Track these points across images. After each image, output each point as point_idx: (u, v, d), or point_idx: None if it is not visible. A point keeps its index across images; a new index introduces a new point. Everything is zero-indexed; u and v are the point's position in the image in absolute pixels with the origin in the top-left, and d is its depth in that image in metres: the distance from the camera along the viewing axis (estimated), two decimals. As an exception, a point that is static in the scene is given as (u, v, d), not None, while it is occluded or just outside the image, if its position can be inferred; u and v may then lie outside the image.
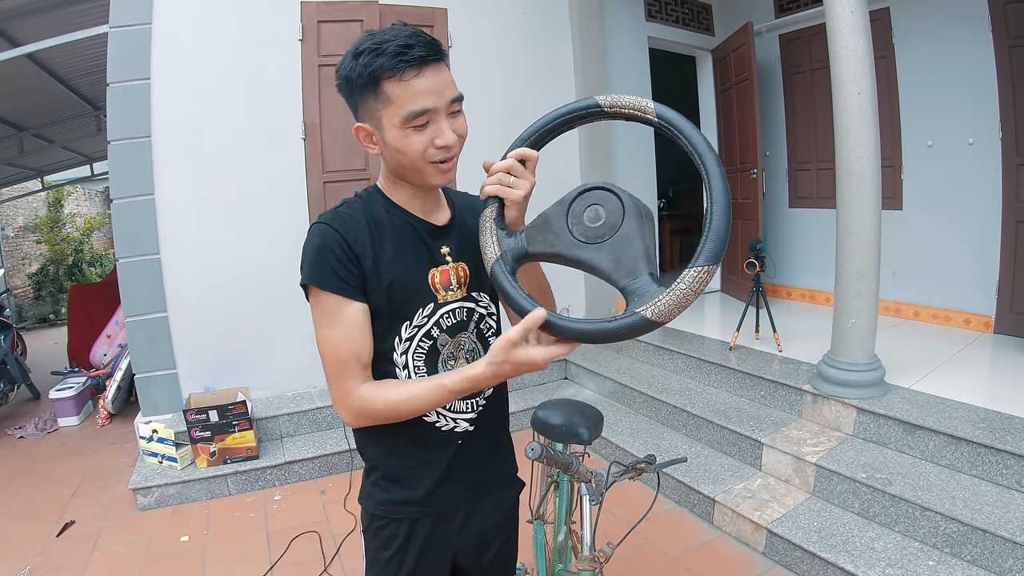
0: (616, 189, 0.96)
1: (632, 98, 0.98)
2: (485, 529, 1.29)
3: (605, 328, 0.89)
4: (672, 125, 0.94)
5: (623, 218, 0.94)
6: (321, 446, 3.77)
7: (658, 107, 0.95)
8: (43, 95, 6.02)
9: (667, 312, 0.86)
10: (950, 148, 4.36)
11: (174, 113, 3.84)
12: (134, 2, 3.76)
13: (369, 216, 1.11)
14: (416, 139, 1.02)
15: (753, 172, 5.29)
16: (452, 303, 1.17)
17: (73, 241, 11.81)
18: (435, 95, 1.01)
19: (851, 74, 2.96)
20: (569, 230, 0.97)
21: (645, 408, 3.97)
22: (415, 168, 1.06)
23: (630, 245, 0.92)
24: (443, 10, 4.49)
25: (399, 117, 1.01)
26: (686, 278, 0.85)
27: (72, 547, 3.05)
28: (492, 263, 1.02)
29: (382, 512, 1.22)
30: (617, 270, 0.92)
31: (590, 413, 1.95)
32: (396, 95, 0.99)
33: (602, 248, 0.94)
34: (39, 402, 5.60)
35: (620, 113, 1.00)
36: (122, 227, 3.86)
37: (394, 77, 0.98)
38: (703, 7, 6.00)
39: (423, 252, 1.15)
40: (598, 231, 0.95)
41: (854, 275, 3.10)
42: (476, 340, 1.22)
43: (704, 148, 0.91)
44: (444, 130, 1.03)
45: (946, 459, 2.73)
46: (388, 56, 0.97)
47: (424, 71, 0.99)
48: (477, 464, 1.25)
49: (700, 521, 3.04)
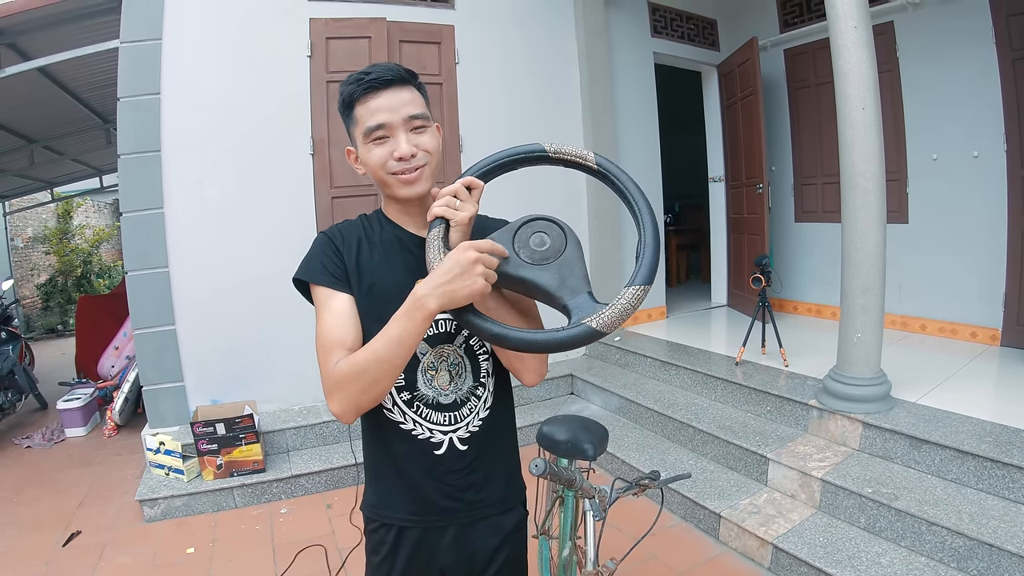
0: (558, 220, 1.07)
1: (574, 148, 1.11)
2: (478, 551, 1.27)
3: (554, 337, 0.97)
4: (610, 174, 1.09)
5: (567, 244, 1.04)
6: (327, 460, 3.77)
7: (598, 158, 1.09)
8: (53, 108, 6.08)
9: (611, 323, 0.95)
10: (955, 161, 4.37)
11: (184, 127, 3.88)
12: (145, 18, 3.82)
13: (364, 229, 1.25)
14: (377, 152, 1.15)
15: (759, 187, 5.30)
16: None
17: (82, 252, 11.90)
18: (389, 112, 1.13)
19: (855, 89, 2.98)
20: (516, 252, 1.05)
21: (651, 423, 3.97)
22: (381, 180, 1.18)
23: (573, 267, 1.03)
24: (450, 27, 4.54)
25: (362, 134, 1.15)
26: (626, 295, 0.95)
27: (78, 557, 3.06)
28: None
29: (372, 515, 1.29)
30: (561, 288, 1.01)
31: (595, 429, 1.95)
32: (360, 114, 1.15)
33: (548, 268, 1.03)
34: (46, 412, 5.63)
35: (563, 160, 1.12)
36: (131, 240, 3.90)
37: (359, 99, 1.14)
38: (708, 23, 6.04)
39: (411, 262, 1.20)
40: (544, 254, 1.04)
41: (859, 289, 3.10)
42: (464, 355, 1.24)
43: (637, 195, 1.05)
44: (400, 143, 1.14)
45: (952, 473, 2.73)
46: (353, 83, 1.14)
47: (382, 92, 1.13)
48: (468, 484, 1.24)
49: (706, 536, 3.03)
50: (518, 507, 1.36)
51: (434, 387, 1.21)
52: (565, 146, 1.11)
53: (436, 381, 1.22)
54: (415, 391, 1.20)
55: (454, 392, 1.23)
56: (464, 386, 1.24)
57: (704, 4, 5.98)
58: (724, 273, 6.21)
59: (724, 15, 6.09)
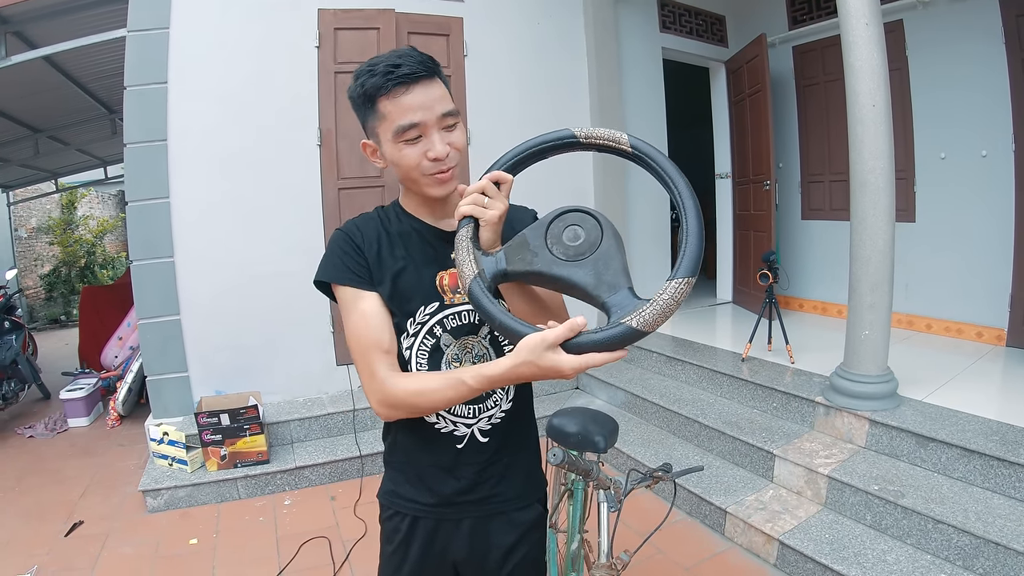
0: (593, 211, 0.99)
1: (606, 130, 1.03)
2: (493, 546, 1.26)
3: (591, 339, 0.91)
4: (646, 156, 0.99)
5: (602, 237, 0.97)
6: (332, 452, 3.77)
7: (632, 139, 1.00)
8: (59, 98, 6.07)
9: (652, 321, 0.89)
10: (963, 160, 4.36)
11: (190, 117, 3.86)
12: (152, 7, 3.80)
13: (381, 223, 1.20)
14: (409, 152, 1.08)
15: (766, 184, 5.29)
16: (459, 306, 1.18)
17: (86, 243, 11.91)
18: (423, 110, 1.06)
19: (866, 86, 2.96)
20: (548, 249, 0.98)
21: (657, 419, 3.96)
22: (412, 179, 1.12)
23: (611, 262, 0.95)
24: (459, 19, 4.52)
25: (391, 132, 1.07)
26: (668, 289, 0.89)
27: (80, 547, 3.06)
28: (469, 280, 1.02)
29: (387, 502, 1.29)
30: (599, 285, 0.94)
31: (605, 422, 1.95)
32: (388, 111, 1.06)
33: (583, 265, 0.96)
34: (49, 402, 5.63)
35: (594, 144, 1.04)
36: (137, 230, 3.89)
37: (385, 95, 1.05)
38: (717, 19, 6.02)
39: (431, 254, 1.18)
40: (579, 249, 0.97)
41: (867, 287, 3.09)
42: (488, 346, 1.22)
43: (677, 176, 0.96)
44: (435, 143, 1.08)
45: (959, 472, 2.72)
46: (379, 76, 1.04)
47: (412, 88, 1.05)
48: (486, 478, 1.23)
49: (712, 532, 3.02)
50: (536, 504, 1.33)
51: None
52: (596, 129, 1.03)
53: None
54: None
55: None
56: None
57: (713, 0, 5.96)
58: (730, 269, 6.20)
59: (733, 11, 6.07)
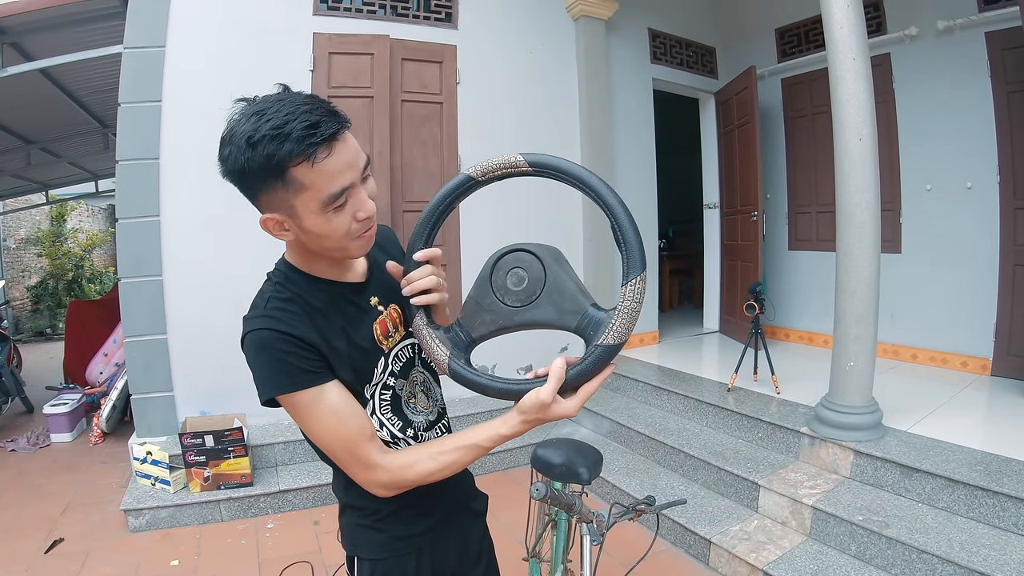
0: (523, 246, 0.99)
1: (500, 158, 0.99)
2: (470, 539, 1.32)
3: (579, 371, 0.94)
4: (548, 167, 0.96)
5: (544, 269, 0.97)
6: (316, 476, 3.73)
7: (528, 156, 0.97)
8: (53, 110, 6.08)
9: (624, 331, 0.91)
10: (949, 192, 4.43)
11: (183, 136, 3.87)
12: (149, 25, 3.83)
13: (300, 302, 1.05)
14: (339, 220, 0.96)
15: (754, 215, 5.34)
16: (396, 347, 1.17)
17: (74, 256, 11.84)
18: (351, 169, 0.95)
19: (853, 119, 3.01)
20: (501, 302, 0.99)
21: (642, 448, 3.96)
22: (339, 247, 1.01)
23: (563, 290, 0.95)
24: (452, 47, 4.58)
25: (318, 202, 0.94)
26: (627, 295, 0.91)
27: (60, 565, 3.02)
28: (447, 364, 1.03)
29: (386, 555, 1.18)
30: (562, 316, 0.96)
31: (589, 453, 1.95)
32: (311, 180, 0.92)
33: (540, 304, 0.96)
34: (32, 416, 5.57)
35: (494, 176, 1.01)
36: (126, 247, 3.88)
37: (305, 162, 0.90)
38: (707, 50, 6.12)
39: (358, 313, 1.12)
40: (528, 291, 0.97)
41: (853, 318, 3.12)
42: (424, 370, 1.24)
43: (590, 178, 0.94)
44: (364, 202, 0.99)
45: (943, 502, 2.73)
46: (294, 141, 0.88)
47: (334, 147, 0.92)
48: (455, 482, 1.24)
49: (696, 563, 3.01)
50: (480, 492, 1.40)
51: (419, 411, 1.21)
52: (491, 161, 0.99)
53: (418, 405, 1.22)
54: (410, 424, 1.19)
55: (433, 405, 1.25)
56: (437, 396, 1.27)
57: (704, 32, 6.07)
58: (717, 299, 6.23)
59: (723, 43, 6.18)
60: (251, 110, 0.94)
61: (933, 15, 4.35)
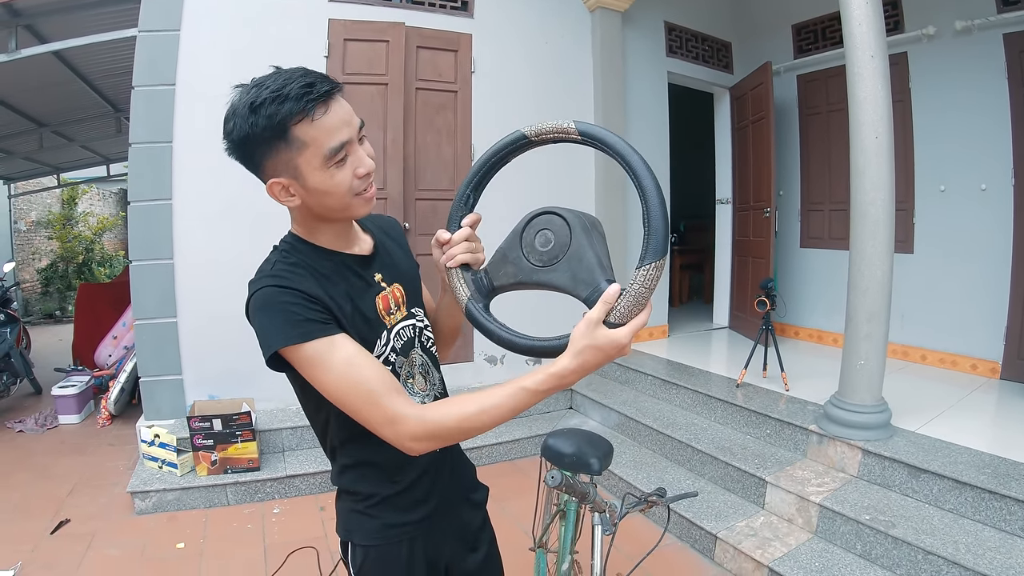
0: (559, 210, 1.01)
1: (553, 122, 1.01)
2: (468, 529, 1.32)
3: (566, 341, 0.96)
4: (595, 138, 0.97)
5: (571, 236, 0.99)
6: (323, 462, 3.74)
7: (579, 124, 0.98)
8: (66, 93, 6.10)
9: (626, 313, 0.91)
10: (963, 193, 4.40)
11: (196, 121, 3.87)
12: (164, 8, 3.83)
13: (306, 267, 1.06)
14: (341, 176, 1.01)
15: (766, 211, 5.32)
16: (398, 324, 1.18)
17: (84, 240, 11.91)
18: (347, 126, 1.00)
19: (869, 117, 2.99)
20: (526, 258, 1.02)
21: (650, 441, 3.95)
22: (343, 205, 1.04)
23: (582, 259, 0.97)
24: (468, 35, 4.56)
25: (320, 158, 0.98)
26: (637, 278, 0.90)
27: (66, 546, 3.04)
28: (465, 302, 1.07)
29: (379, 541, 1.17)
30: (576, 284, 0.97)
31: (600, 444, 1.95)
32: (311, 137, 0.97)
33: (558, 268, 0.99)
34: (41, 398, 5.61)
35: (547, 138, 1.03)
36: (137, 230, 3.89)
37: (304, 119, 0.95)
38: (723, 45, 6.08)
39: (363, 285, 1.14)
40: (551, 253, 1.00)
41: (864, 317, 3.10)
42: (423, 353, 1.24)
43: (630, 154, 0.94)
44: (363, 158, 1.03)
45: (950, 503, 2.72)
46: (293, 100, 0.94)
47: (330, 105, 0.97)
48: (452, 468, 1.28)
49: (701, 557, 3.01)
50: (481, 484, 1.40)
51: (415, 392, 1.21)
52: (545, 123, 1.01)
53: (415, 386, 1.22)
54: None
55: (431, 389, 1.25)
56: (435, 379, 1.27)
57: (720, 26, 6.03)
58: (727, 295, 6.21)
59: (739, 38, 6.14)
60: (249, 85, 0.99)
61: (951, 15, 4.30)
